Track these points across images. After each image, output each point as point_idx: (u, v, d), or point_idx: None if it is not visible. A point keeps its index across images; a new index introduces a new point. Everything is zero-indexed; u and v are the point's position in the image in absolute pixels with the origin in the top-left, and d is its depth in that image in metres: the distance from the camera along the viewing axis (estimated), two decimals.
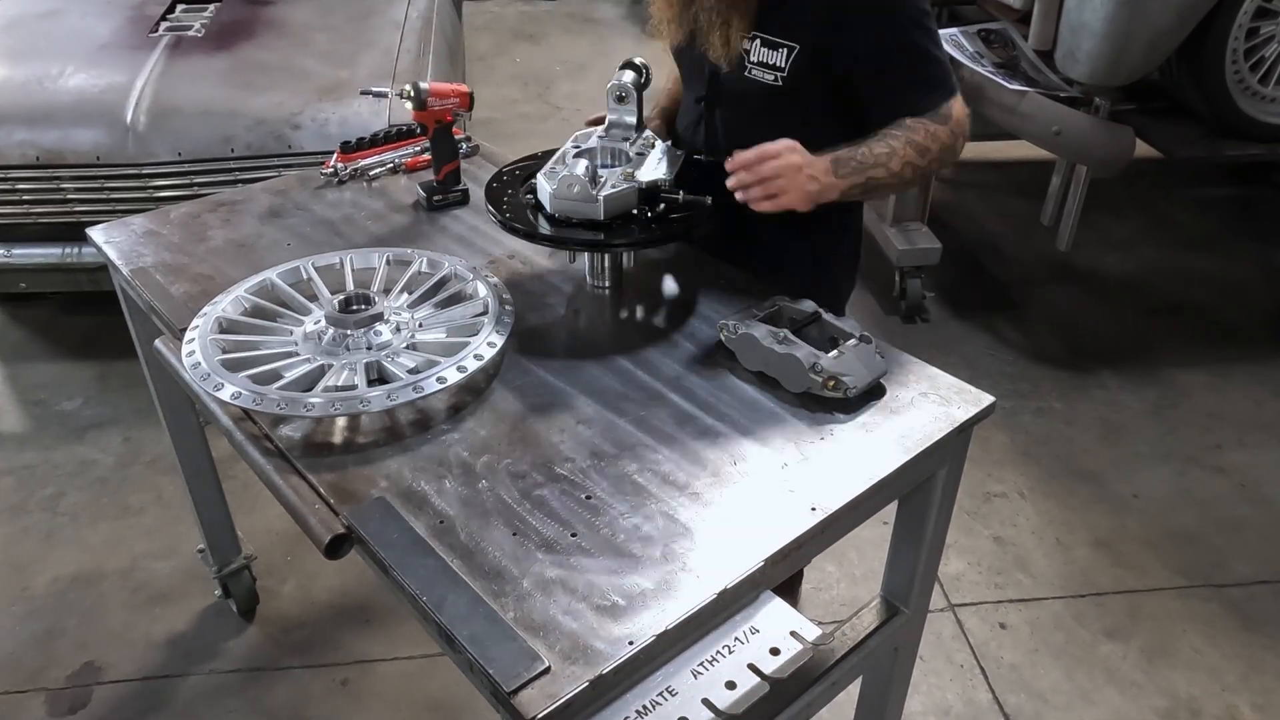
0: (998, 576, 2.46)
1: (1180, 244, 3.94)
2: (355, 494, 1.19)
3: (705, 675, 1.04)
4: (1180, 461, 2.84)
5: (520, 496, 1.18)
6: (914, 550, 1.45)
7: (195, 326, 1.42)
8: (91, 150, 2.71)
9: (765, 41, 1.55)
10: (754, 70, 1.57)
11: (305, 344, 1.40)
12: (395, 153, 2.05)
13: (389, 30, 3.34)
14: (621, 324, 1.57)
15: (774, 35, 1.54)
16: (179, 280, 1.65)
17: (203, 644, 2.26)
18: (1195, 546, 2.55)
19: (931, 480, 1.37)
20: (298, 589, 2.41)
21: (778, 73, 1.55)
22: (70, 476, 2.73)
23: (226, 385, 1.28)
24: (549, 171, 1.54)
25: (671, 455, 1.25)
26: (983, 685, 2.18)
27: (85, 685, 2.16)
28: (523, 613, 1.03)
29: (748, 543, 1.12)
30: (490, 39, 6.16)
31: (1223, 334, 3.41)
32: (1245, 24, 2.88)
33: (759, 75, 1.57)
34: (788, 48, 1.53)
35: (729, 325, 1.42)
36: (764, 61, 1.56)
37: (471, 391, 1.37)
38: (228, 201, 1.93)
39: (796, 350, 1.35)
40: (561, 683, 0.95)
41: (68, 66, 2.93)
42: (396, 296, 1.52)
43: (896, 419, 1.32)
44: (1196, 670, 2.22)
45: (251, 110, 2.78)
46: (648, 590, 1.06)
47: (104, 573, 2.43)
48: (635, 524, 1.14)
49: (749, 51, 1.56)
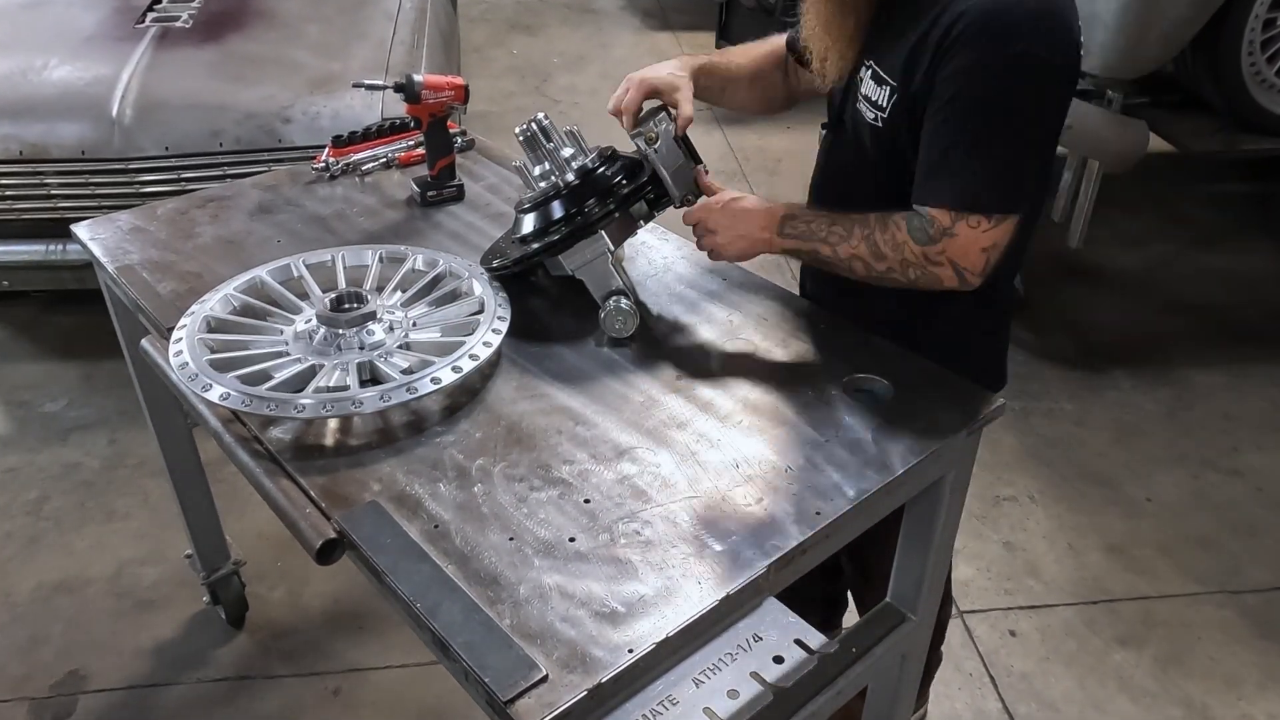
0: (1008, 582, 2.46)
1: (1195, 241, 3.94)
2: (347, 498, 1.19)
3: (707, 684, 1.04)
4: (1195, 464, 2.84)
5: (517, 500, 1.18)
6: (921, 555, 1.45)
7: (183, 326, 1.42)
8: (76, 144, 2.71)
9: (875, 75, 1.38)
10: (861, 104, 1.42)
11: (296, 344, 1.40)
12: (388, 147, 2.05)
13: (382, 21, 3.35)
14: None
15: (882, 68, 1.37)
16: (166, 278, 1.65)
17: (190, 652, 2.26)
18: (1211, 551, 2.55)
19: (939, 484, 1.37)
20: (288, 595, 2.41)
21: (879, 112, 1.38)
22: (54, 480, 2.73)
23: (215, 386, 1.28)
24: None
25: (672, 458, 1.25)
26: (992, 694, 2.18)
27: (70, 694, 2.16)
28: (519, 620, 1.03)
29: (751, 548, 1.11)
30: (486, 30, 6.16)
31: (1239, 333, 3.41)
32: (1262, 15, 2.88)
33: (864, 111, 1.41)
34: (890, 86, 1.35)
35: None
36: (869, 96, 1.40)
37: (467, 392, 1.36)
38: (216, 197, 1.93)
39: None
40: (559, 691, 0.95)
41: (52, 59, 2.93)
42: (390, 295, 1.52)
43: (903, 421, 1.31)
44: (1212, 679, 2.22)
45: (241, 103, 2.78)
46: (648, 597, 1.06)
47: (89, 579, 2.43)
48: (635, 529, 1.14)
49: (861, 81, 1.42)
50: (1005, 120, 1.26)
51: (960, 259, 1.31)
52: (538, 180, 1.52)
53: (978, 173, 1.28)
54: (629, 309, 1.45)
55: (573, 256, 1.47)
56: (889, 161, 1.41)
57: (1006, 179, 1.29)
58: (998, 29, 1.22)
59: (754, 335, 1.49)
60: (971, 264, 1.31)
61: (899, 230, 1.34)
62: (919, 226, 1.32)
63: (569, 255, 1.47)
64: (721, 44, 5.34)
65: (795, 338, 1.48)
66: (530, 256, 1.48)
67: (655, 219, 1.61)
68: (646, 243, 1.76)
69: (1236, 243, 3.93)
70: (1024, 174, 1.31)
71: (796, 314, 1.54)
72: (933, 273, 1.33)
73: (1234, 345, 3.33)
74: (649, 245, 1.75)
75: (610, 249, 1.47)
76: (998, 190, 1.28)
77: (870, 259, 1.36)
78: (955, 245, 1.30)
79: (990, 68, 1.24)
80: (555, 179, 1.50)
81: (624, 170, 1.51)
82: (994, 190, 1.28)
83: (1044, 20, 1.23)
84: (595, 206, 1.45)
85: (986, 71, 1.24)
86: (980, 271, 1.33)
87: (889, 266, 1.35)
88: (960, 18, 1.24)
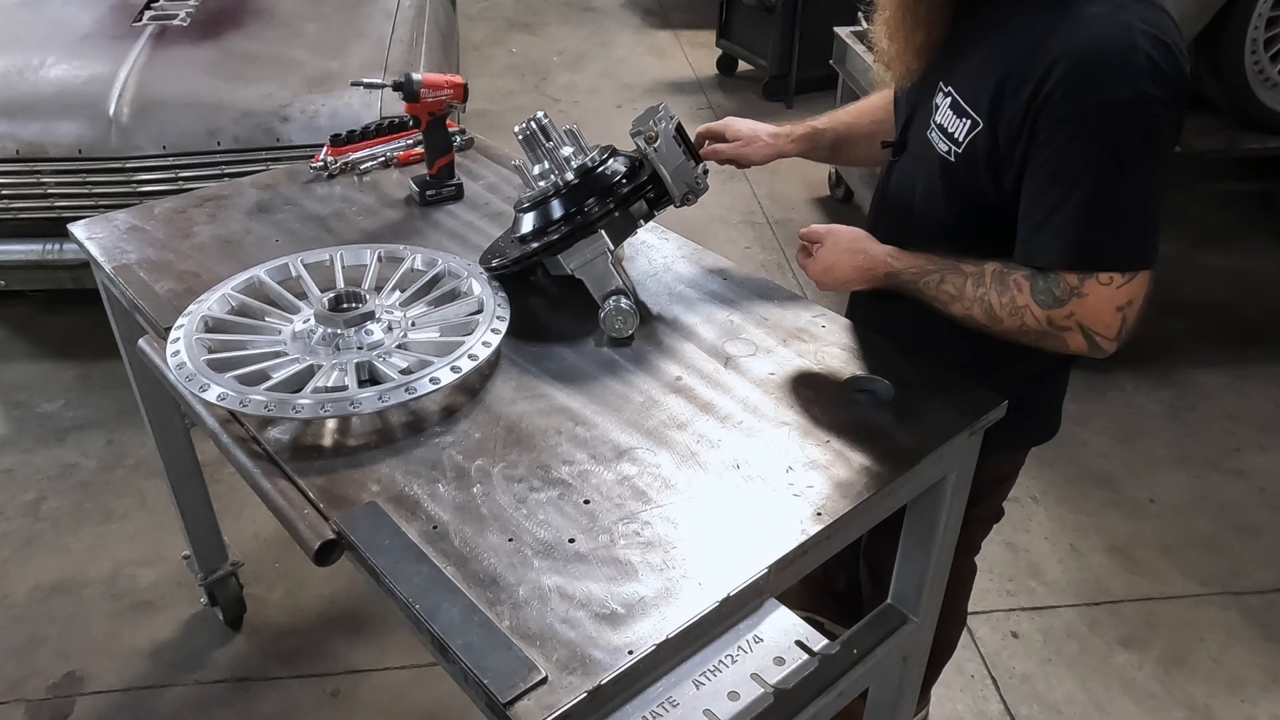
0: (1009, 584, 2.46)
1: (1197, 240, 3.94)
2: (345, 498, 1.19)
3: (708, 686, 1.04)
4: (1198, 465, 2.84)
5: (516, 501, 1.18)
6: (923, 556, 1.45)
7: (180, 325, 1.42)
8: (73, 143, 2.71)
9: (955, 105, 1.28)
10: (934, 133, 1.33)
11: (294, 344, 1.40)
12: (387, 146, 2.05)
13: (380, 19, 3.35)
14: None
15: (964, 99, 1.27)
16: (163, 277, 1.65)
17: (188, 653, 2.26)
18: (1214, 552, 2.55)
19: (941, 484, 1.37)
20: (286, 597, 2.41)
21: (953, 145, 1.29)
22: (51, 480, 2.73)
23: (212, 386, 1.27)
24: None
25: (672, 458, 1.25)
26: (994, 696, 2.18)
27: (67, 696, 2.16)
28: (519, 621, 1.03)
29: (751, 549, 1.11)
30: (485, 28, 6.16)
31: (1242, 333, 3.41)
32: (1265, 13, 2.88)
33: (936, 141, 1.32)
34: (971, 120, 1.26)
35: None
36: (944, 126, 1.30)
37: (466, 392, 1.36)
38: (214, 196, 1.93)
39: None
40: (559, 693, 0.95)
41: (49, 57, 2.93)
42: (388, 294, 1.52)
43: (905, 421, 1.31)
44: (1215, 681, 2.22)
45: (238, 102, 2.78)
46: (648, 598, 1.06)
47: (86, 580, 2.43)
48: (635, 529, 1.14)
49: (938, 108, 1.33)
50: (1125, 167, 1.17)
51: (1092, 322, 1.21)
52: (537, 179, 1.52)
53: (1104, 225, 1.18)
54: (629, 309, 1.45)
55: (572, 256, 1.47)
56: (956, 201, 1.34)
57: (1136, 228, 1.19)
58: (1100, 75, 1.15)
59: (755, 335, 1.49)
60: (1105, 327, 1.21)
61: (1020, 292, 1.24)
62: (1044, 288, 1.22)
63: (568, 255, 1.47)
64: (722, 43, 5.34)
65: (796, 337, 1.48)
66: (529, 256, 1.48)
67: (655, 218, 1.61)
68: (647, 242, 1.76)
69: (1239, 242, 3.93)
70: (1153, 220, 1.20)
71: (797, 314, 1.54)
72: (1059, 336, 1.24)
73: (1237, 345, 3.33)
74: (649, 245, 1.75)
75: (610, 248, 1.47)
76: (1129, 242, 1.19)
77: (986, 322, 1.28)
78: (1086, 307, 1.20)
79: (1100, 114, 1.15)
80: (555, 178, 1.50)
81: (624, 169, 1.51)
82: (1125, 242, 1.19)
83: (1140, 54, 1.14)
84: (595, 206, 1.45)
85: (1096, 119, 1.15)
86: (1115, 336, 1.22)
87: (1006, 330, 1.27)
88: (1055, 65, 1.16)
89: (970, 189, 1.31)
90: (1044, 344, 1.27)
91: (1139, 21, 1.16)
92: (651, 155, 1.49)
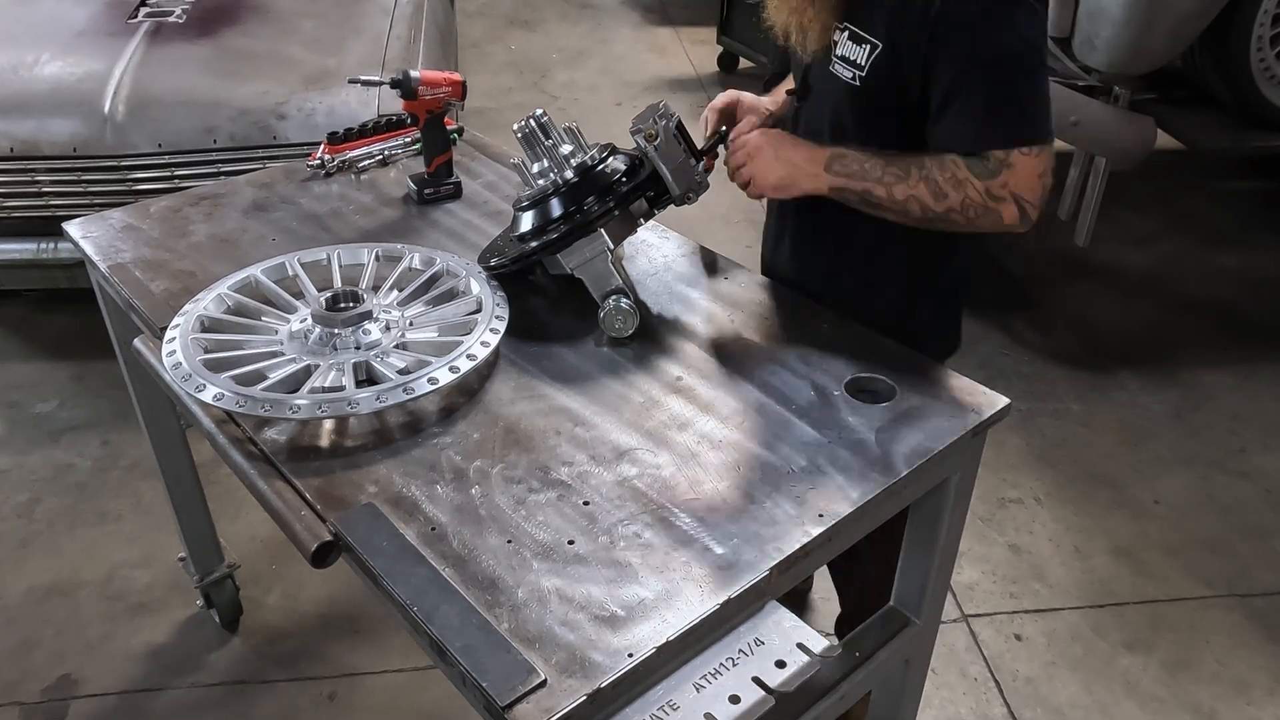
0: (1013, 586, 2.46)
1: (1203, 239, 3.94)
2: (343, 500, 1.19)
3: (708, 689, 1.04)
4: (1203, 466, 2.84)
5: (515, 502, 1.18)
6: (926, 558, 1.45)
7: (176, 325, 1.42)
8: (68, 141, 2.71)
9: (852, 35, 1.43)
10: (836, 65, 1.46)
11: (291, 343, 1.40)
12: (384, 144, 2.05)
13: (378, 16, 3.34)
14: None
15: (861, 29, 1.42)
16: (159, 277, 1.65)
17: (184, 656, 2.26)
18: (1219, 554, 2.55)
19: (944, 486, 1.37)
20: (283, 599, 2.41)
21: (856, 70, 1.43)
22: (46, 482, 2.73)
23: (209, 386, 1.28)
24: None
25: (673, 460, 1.25)
26: (997, 699, 2.18)
27: (61, 699, 2.16)
28: (518, 624, 1.03)
29: (752, 551, 1.11)
30: (484, 25, 6.16)
31: (1247, 333, 3.41)
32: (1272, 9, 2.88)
33: (840, 71, 1.46)
34: (870, 44, 1.41)
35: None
36: (846, 56, 1.44)
37: (464, 393, 1.36)
38: (210, 195, 1.93)
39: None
40: (558, 696, 0.95)
41: (43, 54, 2.92)
42: (386, 294, 1.52)
43: (908, 422, 1.31)
44: (1220, 683, 2.22)
45: (235, 100, 2.78)
46: (648, 600, 1.06)
47: (81, 582, 2.43)
48: (635, 531, 1.14)
49: (836, 44, 1.46)
50: (1017, 55, 1.35)
51: (1023, 189, 1.36)
52: (536, 178, 1.52)
53: (1017, 116, 1.36)
54: (629, 308, 1.45)
55: (571, 255, 1.47)
56: (865, 119, 1.46)
57: (1037, 106, 1.37)
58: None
59: (756, 334, 1.49)
60: (1031, 193, 1.37)
61: (959, 169, 1.37)
62: (977, 163, 1.36)
63: (568, 254, 1.47)
64: (723, 40, 5.34)
65: (798, 337, 1.48)
66: (529, 255, 1.48)
67: (655, 217, 1.61)
68: (647, 241, 1.76)
69: (1245, 241, 3.94)
70: (1045, 98, 1.39)
71: (799, 313, 1.55)
72: (994, 209, 1.37)
73: (1242, 345, 3.33)
74: (649, 244, 1.75)
75: (610, 247, 1.47)
76: (1037, 118, 1.37)
77: (930, 199, 1.39)
78: (1016, 176, 1.36)
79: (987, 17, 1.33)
80: (554, 176, 1.50)
81: (623, 167, 1.51)
82: (1035, 118, 1.37)
83: None
84: (595, 204, 1.45)
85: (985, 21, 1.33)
86: (1038, 202, 1.38)
87: (949, 207, 1.39)
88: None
89: (879, 107, 1.45)
90: (979, 222, 1.40)
91: None
92: (652, 153, 1.49)
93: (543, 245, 1.46)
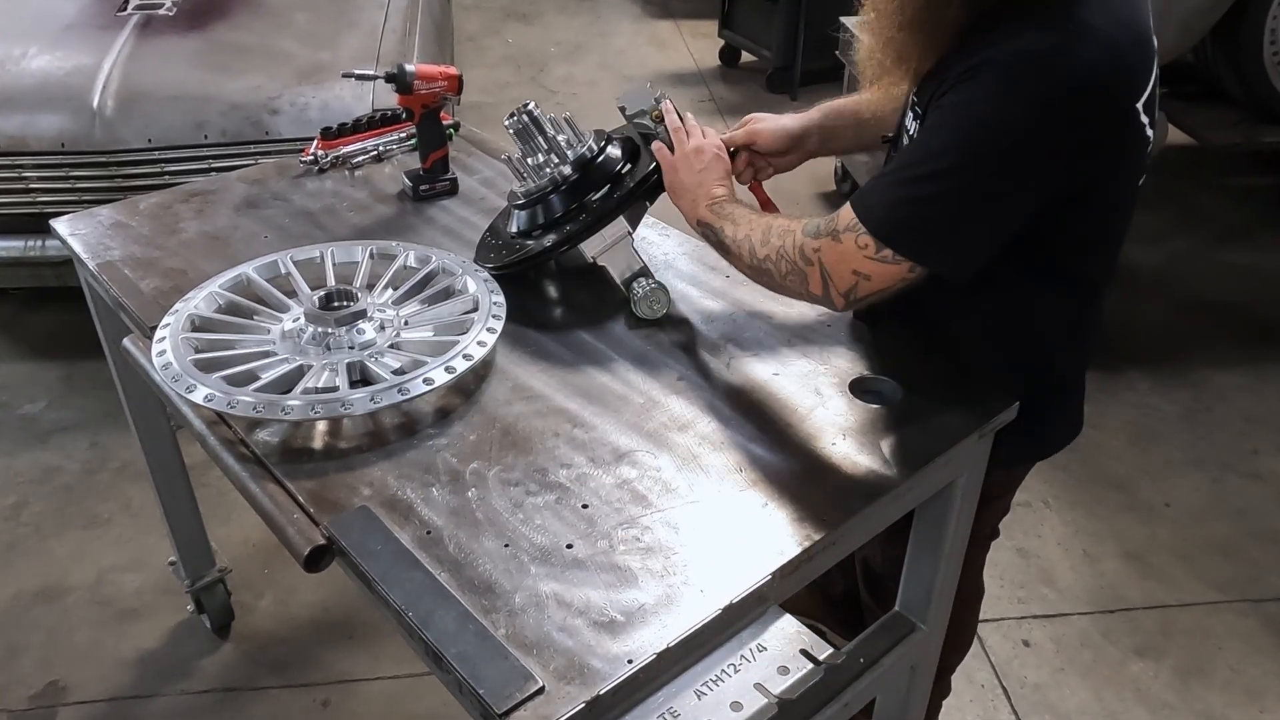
0: (1021, 590, 2.46)
1: (1214, 237, 3.94)
2: (336, 503, 1.19)
3: (709, 696, 1.04)
4: (1215, 468, 2.84)
5: (512, 505, 1.18)
6: (932, 563, 1.45)
7: (166, 324, 1.42)
8: (56, 137, 2.71)
9: (912, 104, 1.35)
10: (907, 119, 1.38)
11: (283, 343, 1.40)
12: (379, 139, 2.05)
13: (373, 9, 3.35)
14: (621, 323, 1.57)
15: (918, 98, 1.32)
16: (149, 275, 1.65)
17: (174, 662, 2.26)
18: (1231, 558, 2.55)
19: (950, 488, 1.37)
20: (275, 604, 2.41)
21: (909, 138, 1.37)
22: (33, 484, 2.73)
23: (199, 387, 1.27)
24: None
25: (673, 462, 1.25)
26: (1005, 706, 2.18)
27: (49, 706, 2.16)
28: (515, 629, 1.03)
29: (754, 555, 1.11)
30: (480, 18, 6.16)
31: (1260, 332, 3.41)
32: None
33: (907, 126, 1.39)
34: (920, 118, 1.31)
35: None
36: (905, 126, 1.38)
37: (460, 393, 1.36)
38: (201, 191, 1.93)
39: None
40: (556, 704, 0.95)
41: (31, 48, 2.92)
42: (380, 292, 1.52)
43: (912, 423, 1.31)
44: (1233, 690, 2.22)
45: (226, 94, 2.78)
46: (648, 605, 1.05)
47: (69, 586, 2.43)
48: (635, 535, 1.14)
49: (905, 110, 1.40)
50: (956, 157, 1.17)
51: (831, 268, 1.25)
52: (535, 171, 1.53)
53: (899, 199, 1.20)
54: (660, 285, 1.49)
55: (594, 243, 1.50)
56: None
57: (924, 220, 1.20)
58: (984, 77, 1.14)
59: (758, 335, 1.49)
60: (838, 280, 1.25)
61: (795, 223, 1.32)
62: (816, 222, 1.29)
63: (589, 243, 1.49)
64: (725, 33, 5.34)
65: (801, 337, 1.48)
66: (554, 248, 1.51)
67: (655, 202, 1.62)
68: (646, 239, 1.76)
69: (1257, 239, 3.93)
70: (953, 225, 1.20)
71: (802, 313, 1.54)
72: (801, 270, 1.29)
73: (1254, 345, 3.33)
74: (649, 241, 1.75)
75: (630, 231, 1.50)
76: (906, 226, 1.20)
77: (758, 244, 1.34)
78: (832, 252, 1.25)
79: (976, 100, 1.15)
80: (560, 168, 1.51)
81: (620, 152, 1.54)
82: (902, 224, 1.20)
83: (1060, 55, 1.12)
84: (613, 190, 1.49)
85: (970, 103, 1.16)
86: (842, 295, 1.26)
87: (767, 255, 1.33)
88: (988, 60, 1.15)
89: None
90: (790, 281, 1.31)
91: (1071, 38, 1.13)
92: (662, 134, 1.52)
93: (567, 237, 1.49)
